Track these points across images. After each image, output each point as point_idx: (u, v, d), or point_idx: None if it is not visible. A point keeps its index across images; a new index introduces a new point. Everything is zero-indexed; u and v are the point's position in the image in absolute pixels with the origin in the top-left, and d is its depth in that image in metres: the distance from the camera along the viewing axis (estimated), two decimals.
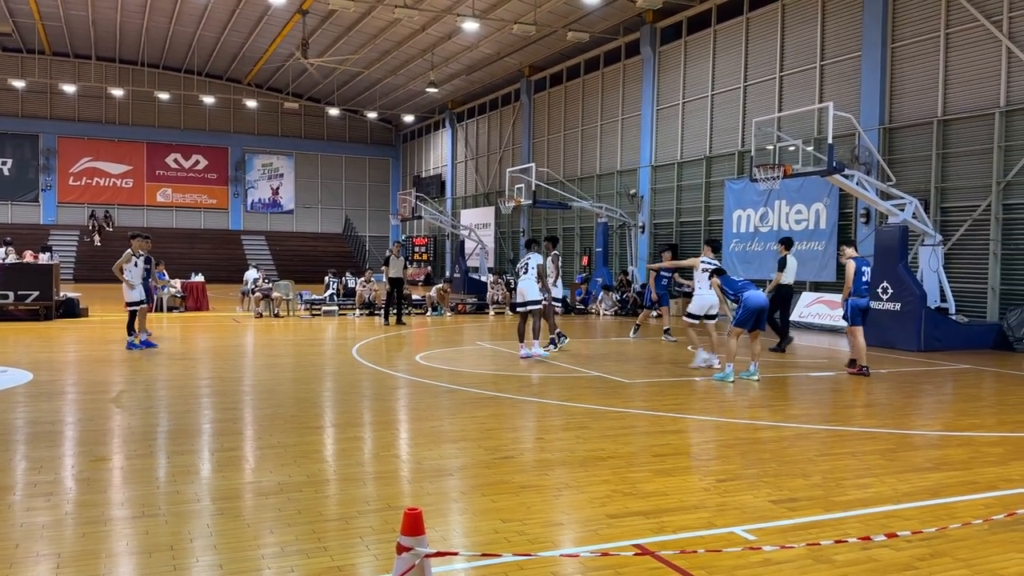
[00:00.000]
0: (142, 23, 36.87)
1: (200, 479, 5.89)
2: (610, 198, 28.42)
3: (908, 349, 14.86)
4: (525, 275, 13.12)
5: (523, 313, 13.22)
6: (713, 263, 11.82)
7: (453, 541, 4.70)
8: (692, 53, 25.11)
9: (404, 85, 40.31)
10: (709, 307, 11.91)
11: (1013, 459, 6.82)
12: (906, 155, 18.35)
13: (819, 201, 20.29)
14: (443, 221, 36.86)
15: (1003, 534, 4.90)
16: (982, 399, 10.19)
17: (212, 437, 7.27)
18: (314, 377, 11.10)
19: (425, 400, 9.29)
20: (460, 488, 5.79)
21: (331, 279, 24.08)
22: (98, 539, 4.63)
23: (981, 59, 16.84)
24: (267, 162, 49.50)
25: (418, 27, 31.08)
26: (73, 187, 45.47)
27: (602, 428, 7.80)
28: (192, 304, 22.42)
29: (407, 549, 3.26)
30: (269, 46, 38.39)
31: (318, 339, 16.00)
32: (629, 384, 10.60)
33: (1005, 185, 16.31)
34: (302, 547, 4.52)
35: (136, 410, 8.39)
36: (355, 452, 6.84)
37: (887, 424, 8.26)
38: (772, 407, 9.19)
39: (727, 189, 23.16)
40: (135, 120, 46.24)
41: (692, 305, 12.22)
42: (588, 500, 5.49)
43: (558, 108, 32.83)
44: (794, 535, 4.85)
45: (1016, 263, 16.25)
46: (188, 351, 13.70)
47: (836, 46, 20.17)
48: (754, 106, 22.49)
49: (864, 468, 6.45)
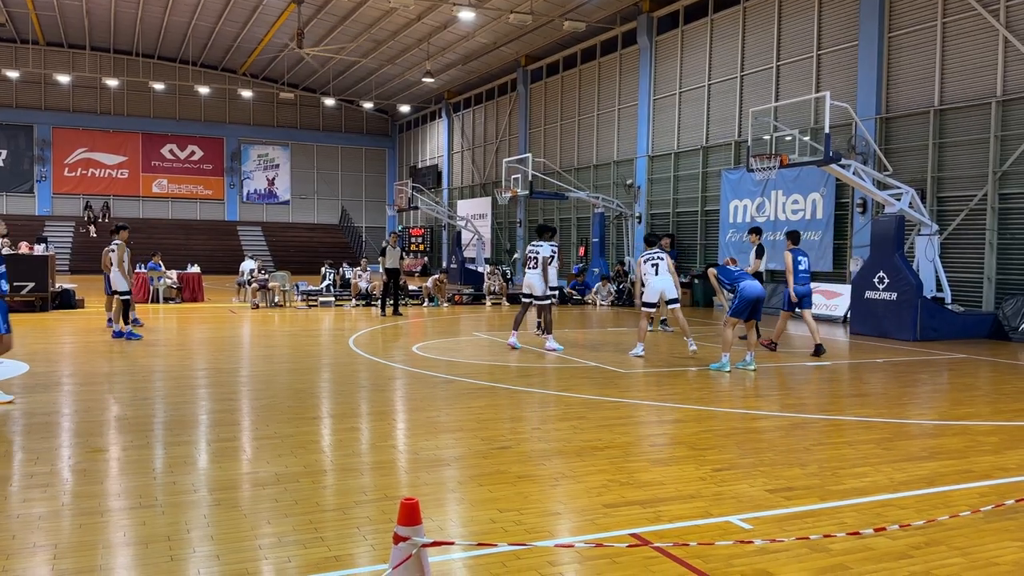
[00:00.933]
0: (137, 13, 36.70)
1: (197, 469, 5.89)
2: (607, 188, 28.40)
3: (904, 339, 14.89)
4: (534, 268, 12.96)
5: (525, 304, 13.17)
6: (653, 252, 12.63)
7: (450, 531, 4.70)
8: (689, 43, 25.05)
9: (400, 75, 40.19)
10: (658, 293, 12.50)
11: (1008, 448, 6.84)
12: (903, 145, 18.34)
13: (816, 191, 20.29)
14: (439, 212, 36.83)
15: (998, 522, 4.92)
16: (978, 388, 10.22)
17: (209, 427, 7.27)
18: (311, 368, 11.09)
19: (422, 391, 9.30)
20: (457, 478, 5.79)
21: (328, 270, 24.05)
22: (95, 530, 4.63)
23: (978, 49, 16.82)
24: (263, 153, 49.38)
25: (414, 16, 30.96)
26: (68, 178, 45.34)
27: (599, 418, 7.81)
28: (188, 295, 22.38)
29: (404, 539, 3.26)
30: (264, 36, 38.25)
31: (315, 330, 15.98)
32: (626, 374, 10.60)
33: (1001, 175, 16.31)
34: (299, 537, 4.53)
35: (133, 401, 8.38)
36: (352, 442, 6.84)
37: (883, 413, 8.28)
38: (768, 396, 9.21)
39: (724, 179, 23.14)
40: (130, 111, 46.07)
41: (645, 295, 12.46)
42: (585, 490, 5.50)
43: (555, 98, 32.75)
44: (790, 524, 4.86)
45: (1012, 252, 16.27)
46: (184, 342, 13.68)
47: (833, 35, 20.13)
48: (751, 96, 22.46)
49: (860, 457, 6.47)
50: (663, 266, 12.36)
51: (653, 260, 12.43)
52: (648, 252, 12.65)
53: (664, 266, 12.38)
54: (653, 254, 12.53)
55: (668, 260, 12.55)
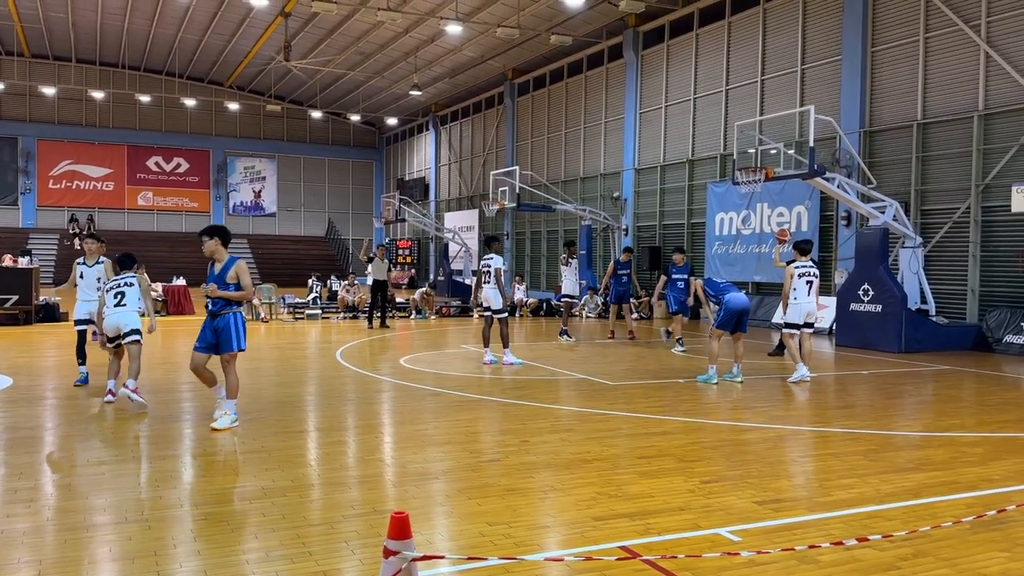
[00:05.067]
0: (123, 25, 36.60)
1: (183, 484, 5.84)
2: (594, 201, 28.48)
3: (889, 350, 14.98)
4: (487, 282, 12.85)
5: (487, 318, 13.08)
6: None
7: (439, 545, 4.69)
8: (674, 57, 25.22)
9: (387, 88, 40.24)
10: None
11: (993, 459, 6.89)
12: (886, 158, 18.51)
13: (800, 204, 20.43)
14: (427, 224, 36.81)
15: (984, 533, 4.94)
16: (962, 400, 10.29)
17: (195, 442, 7.22)
18: (298, 381, 11.04)
19: (410, 403, 9.27)
20: (445, 492, 5.77)
21: (314, 283, 23.98)
22: (80, 545, 4.58)
23: (960, 63, 17.02)
24: (249, 165, 49.26)
25: (401, 30, 31.04)
26: (53, 190, 45.06)
27: (587, 430, 7.81)
28: (174, 308, 22.25)
29: (394, 553, 3.25)
30: (251, 49, 38.21)
31: (301, 343, 15.92)
32: (614, 386, 10.61)
33: (984, 188, 16.48)
34: (287, 552, 4.50)
35: (117, 415, 8.31)
36: (340, 456, 6.81)
37: (869, 425, 8.32)
38: (756, 409, 9.24)
39: (709, 192, 23.27)
40: (116, 123, 45.88)
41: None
42: (574, 502, 5.49)
43: (542, 111, 32.88)
44: (779, 536, 4.87)
45: (995, 265, 16.42)
46: (169, 356, 13.59)
47: (817, 50, 20.32)
48: (736, 110, 22.62)
49: (847, 469, 6.49)
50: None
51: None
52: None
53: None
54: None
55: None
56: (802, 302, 11.32)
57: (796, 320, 11.38)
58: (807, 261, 11.51)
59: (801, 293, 11.32)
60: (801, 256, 11.51)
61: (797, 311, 11.36)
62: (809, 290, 11.33)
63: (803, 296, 11.32)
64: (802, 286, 11.32)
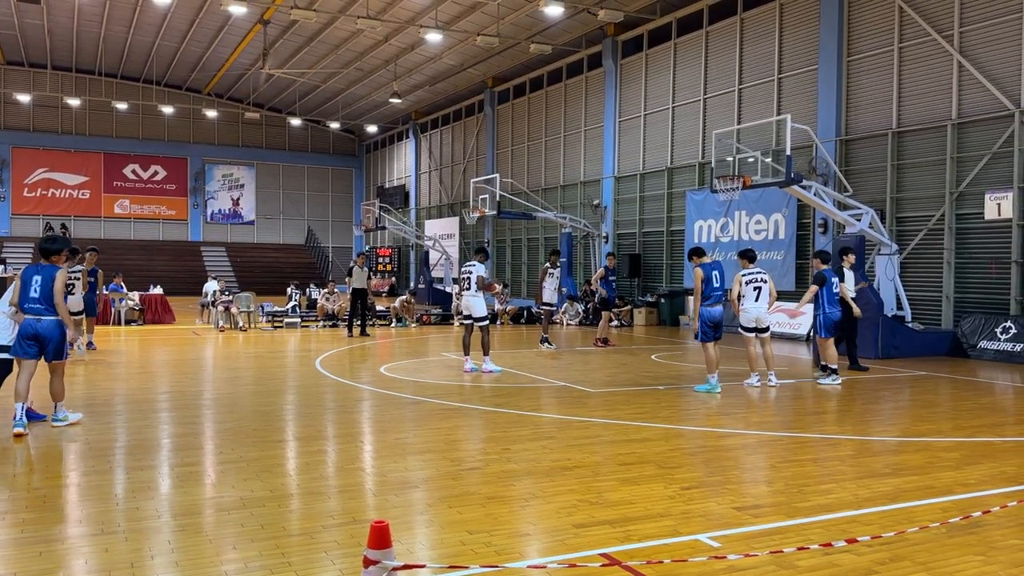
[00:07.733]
0: (99, 32, 36.31)
1: (160, 495, 5.79)
2: (574, 208, 28.57)
3: (866, 356, 15.10)
4: (468, 289, 12.83)
5: (468, 326, 13.05)
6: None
7: (419, 554, 4.67)
8: (653, 66, 25.39)
9: (367, 95, 40.17)
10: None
11: (968, 463, 6.97)
12: (862, 166, 18.72)
13: (778, 212, 20.61)
14: (407, 232, 36.76)
15: (960, 537, 5.00)
16: (938, 405, 10.41)
17: (172, 452, 7.15)
18: (276, 390, 10.97)
19: (390, 412, 9.24)
20: (426, 500, 5.76)
21: (293, 291, 23.86)
22: (55, 558, 4.52)
23: (934, 73, 17.26)
24: (227, 172, 48.94)
25: (381, 38, 31.03)
26: (28, 198, 44.53)
27: (568, 438, 7.82)
28: (151, 317, 22.06)
29: (374, 562, 3.24)
30: (229, 56, 38.02)
31: (280, 351, 15.82)
32: (594, 393, 10.64)
33: (958, 196, 16.70)
34: (266, 562, 4.47)
35: (94, 425, 8.21)
36: (319, 465, 6.78)
37: (847, 430, 8.40)
38: (735, 415, 9.29)
39: (688, 200, 23.41)
40: (92, 130, 45.45)
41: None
42: (555, 510, 5.49)
43: (521, 119, 32.96)
44: (758, 541, 4.90)
45: (969, 271, 16.63)
46: (146, 365, 13.46)
47: (793, 59, 20.54)
48: (714, 118, 22.79)
49: (825, 474, 6.55)
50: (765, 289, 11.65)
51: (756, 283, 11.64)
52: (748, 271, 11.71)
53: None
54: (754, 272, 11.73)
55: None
56: (749, 307, 11.58)
57: (746, 325, 11.66)
58: (753, 268, 11.79)
59: (749, 299, 11.59)
60: (748, 263, 11.81)
61: (744, 316, 11.64)
62: (757, 296, 11.58)
63: (750, 302, 11.58)
64: (749, 292, 11.60)
